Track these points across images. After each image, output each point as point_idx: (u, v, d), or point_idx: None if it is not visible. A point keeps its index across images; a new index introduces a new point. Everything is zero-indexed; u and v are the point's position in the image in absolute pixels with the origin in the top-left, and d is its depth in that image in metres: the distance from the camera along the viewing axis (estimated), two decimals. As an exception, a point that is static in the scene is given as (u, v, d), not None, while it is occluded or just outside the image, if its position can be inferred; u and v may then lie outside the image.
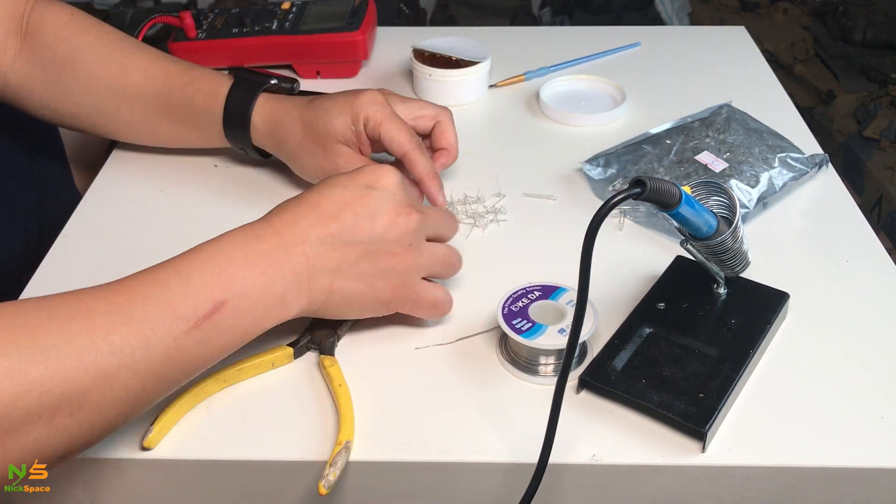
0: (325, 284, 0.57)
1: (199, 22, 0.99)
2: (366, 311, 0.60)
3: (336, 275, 0.57)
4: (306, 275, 0.56)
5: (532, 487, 0.52)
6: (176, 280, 0.52)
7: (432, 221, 0.62)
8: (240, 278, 0.53)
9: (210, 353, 0.53)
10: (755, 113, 0.85)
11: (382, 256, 0.58)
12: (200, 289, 0.52)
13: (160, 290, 0.51)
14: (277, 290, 0.54)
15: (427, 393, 0.59)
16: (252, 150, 0.78)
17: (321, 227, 0.56)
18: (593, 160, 0.80)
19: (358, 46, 0.96)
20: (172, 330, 0.50)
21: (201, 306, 0.51)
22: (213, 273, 0.52)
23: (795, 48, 2.31)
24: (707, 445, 0.55)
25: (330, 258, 0.56)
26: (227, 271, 0.53)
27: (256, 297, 0.54)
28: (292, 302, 0.56)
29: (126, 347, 0.48)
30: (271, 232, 0.56)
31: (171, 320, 0.50)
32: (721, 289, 0.64)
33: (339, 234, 0.57)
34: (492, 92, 0.97)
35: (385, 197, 0.58)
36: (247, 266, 0.54)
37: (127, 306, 0.50)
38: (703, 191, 0.59)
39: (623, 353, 0.59)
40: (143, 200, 0.79)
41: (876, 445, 0.55)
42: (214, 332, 0.52)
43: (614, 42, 1.05)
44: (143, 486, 0.57)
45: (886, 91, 2.12)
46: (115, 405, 0.49)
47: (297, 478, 0.56)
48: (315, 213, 0.57)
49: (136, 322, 0.49)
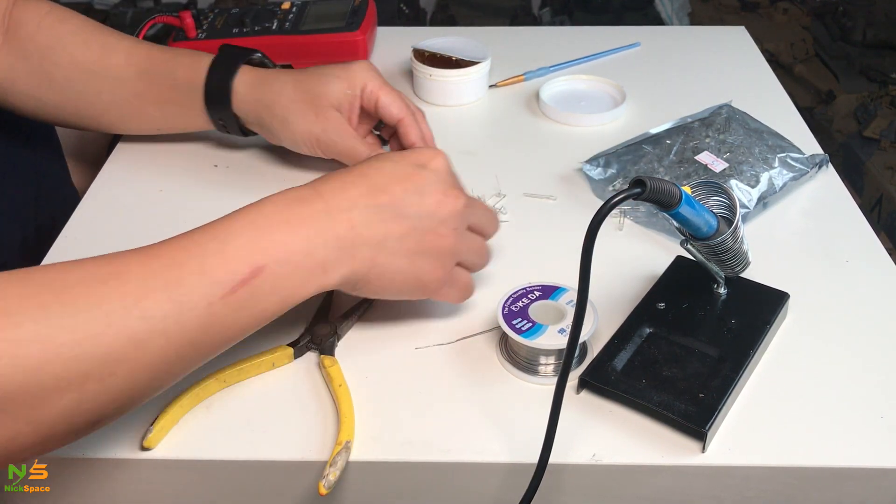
0: (368, 256, 0.55)
1: (199, 22, 0.99)
2: (403, 291, 0.59)
3: (381, 248, 0.55)
4: (350, 243, 0.54)
5: (532, 487, 0.52)
6: (213, 244, 0.50)
7: (477, 211, 0.61)
8: (280, 242, 0.51)
9: (247, 320, 0.51)
10: (755, 113, 0.85)
11: (428, 235, 0.57)
12: (238, 253, 0.50)
13: (196, 253, 0.49)
14: (319, 256, 0.52)
15: (427, 393, 0.59)
16: (233, 122, 0.77)
17: (370, 197, 0.55)
18: (593, 160, 0.80)
19: (358, 46, 0.96)
20: (207, 295, 0.48)
21: (238, 271, 0.49)
22: (251, 237, 0.51)
23: (795, 48, 2.31)
24: (707, 445, 0.55)
25: (376, 229, 0.55)
26: (267, 235, 0.51)
27: (297, 262, 0.52)
28: (333, 270, 0.53)
29: (159, 313, 0.47)
30: (316, 196, 0.54)
31: (207, 285, 0.49)
32: (721, 289, 0.64)
33: (389, 205, 0.55)
34: (492, 92, 0.97)
35: (435, 177, 0.57)
36: (288, 230, 0.52)
37: (161, 270, 0.48)
38: (703, 191, 0.59)
39: (623, 353, 0.59)
40: (142, 200, 0.79)
41: (876, 445, 0.55)
42: (251, 298, 0.50)
43: (614, 42, 1.05)
44: (143, 486, 0.57)
45: (886, 91, 2.12)
46: (148, 371, 0.48)
47: (297, 478, 0.56)
48: (364, 183, 0.55)
49: (171, 287, 0.48)
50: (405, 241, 0.56)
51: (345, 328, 0.64)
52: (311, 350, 0.62)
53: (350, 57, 0.96)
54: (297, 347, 0.61)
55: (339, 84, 0.73)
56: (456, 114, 0.93)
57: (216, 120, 0.78)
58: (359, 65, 0.74)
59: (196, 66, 0.76)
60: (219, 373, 0.58)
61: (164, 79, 0.77)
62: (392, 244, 0.55)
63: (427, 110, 0.92)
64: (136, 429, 0.56)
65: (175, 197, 0.79)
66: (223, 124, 0.78)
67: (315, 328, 0.62)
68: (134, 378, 0.47)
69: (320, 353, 0.62)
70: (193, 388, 0.57)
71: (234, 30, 0.97)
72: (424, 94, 0.94)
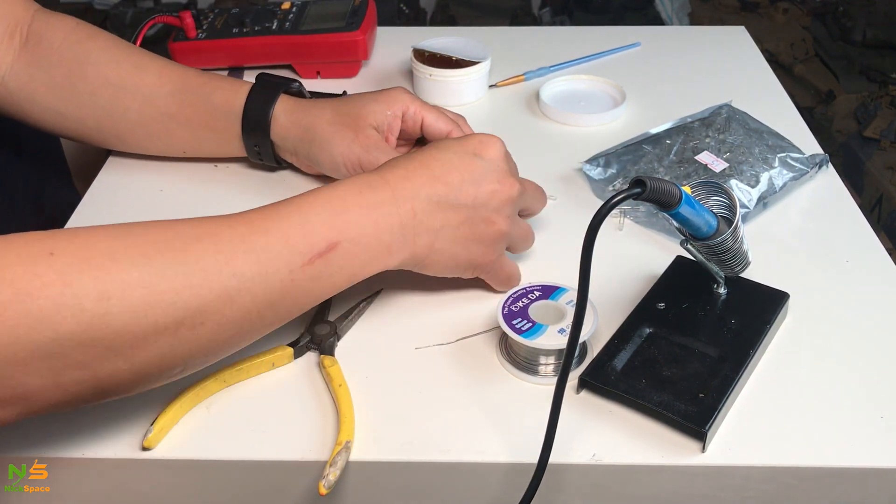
0: (427, 242, 0.59)
1: (199, 22, 0.99)
2: (456, 271, 0.63)
3: (438, 234, 0.59)
4: (412, 230, 0.58)
5: (532, 487, 0.52)
6: (296, 216, 0.54)
7: (528, 195, 0.65)
8: (353, 223, 0.55)
9: (320, 289, 0.55)
10: (755, 113, 0.85)
11: (481, 223, 0.61)
12: (317, 228, 0.54)
13: (281, 224, 0.54)
14: (385, 239, 0.57)
15: (427, 393, 0.59)
16: (268, 149, 0.77)
17: (430, 187, 0.59)
18: (593, 160, 0.80)
19: (358, 46, 0.96)
20: (289, 262, 0.53)
21: (317, 244, 0.54)
22: (329, 215, 0.55)
23: (795, 48, 2.31)
24: (707, 445, 0.55)
25: (435, 218, 0.59)
26: (343, 215, 0.55)
27: (366, 242, 0.56)
28: (397, 253, 0.58)
29: (248, 272, 0.51)
30: (384, 184, 0.58)
31: (289, 254, 0.53)
32: (721, 289, 0.64)
33: (446, 195, 0.59)
34: (492, 92, 0.97)
35: (490, 167, 0.61)
36: (360, 213, 0.56)
37: (249, 235, 0.52)
38: (703, 191, 0.59)
39: (623, 353, 0.59)
40: (142, 200, 0.79)
41: (876, 445, 0.55)
42: (326, 269, 0.54)
43: (614, 42, 1.05)
44: (143, 486, 0.57)
45: (886, 91, 2.12)
46: (233, 326, 0.52)
47: (297, 478, 0.56)
48: (426, 173, 0.59)
49: (258, 250, 0.52)
50: (461, 228, 0.60)
51: (345, 328, 0.64)
52: (311, 350, 0.62)
53: (350, 57, 0.96)
54: (297, 347, 0.61)
55: (378, 106, 0.74)
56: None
57: (251, 146, 0.77)
58: (397, 89, 0.76)
59: (235, 91, 0.76)
60: (219, 373, 0.58)
61: (199, 101, 0.76)
62: (449, 231, 0.60)
63: (427, 110, 0.92)
64: (136, 429, 0.56)
65: (175, 197, 0.79)
66: (258, 151, 0.78)
67: (315, 328, 0.63)
68: (221, 330, 0.51)
69: (320, 353, 0.62)
70: (193, 388, 0.57)
71: (234, 30, 0.97)
72: (424, 94, 0.94)
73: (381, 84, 0.96)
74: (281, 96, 0.76)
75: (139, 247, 0.49)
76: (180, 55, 0.97)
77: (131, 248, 0.49)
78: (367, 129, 0.73)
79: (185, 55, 0.97)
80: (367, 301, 0.66)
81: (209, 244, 0.51)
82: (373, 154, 0.72)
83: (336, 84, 0.96)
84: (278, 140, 0.76)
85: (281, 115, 0.75)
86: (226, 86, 0.77)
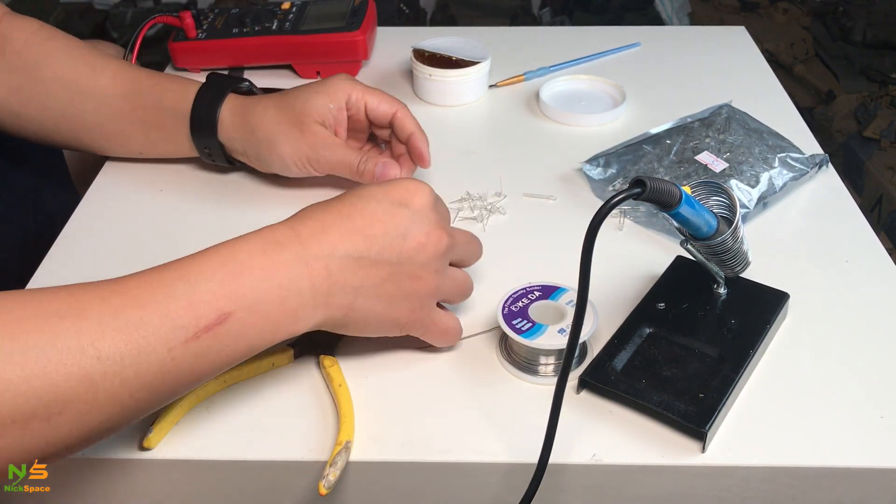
0: (345, 302, 0.54)
1: (199, 22, 0.99)
2: (380, 331, 0.58)
3: (357, 294, 0.54)
4: (325, 291, 0.53)
5: (532, 487, 0.52)
6: (181, 286, 0.48)
7: (459, 246, 0.60)
8: (251, 290, 0.50)
9: (209, 366, 0.50)
10: (755, 113, 0.85)
11: (406, 280, 0.56)
12: (206, 298, 0.48)
13: (161, 295, 0.48)
14: (291, 305, 0.51)
15: (427, 393, 0.59)
16: (218, 150, 0.76)
17: (349, 242, 0.53)
18: (593, 160, 0.80)
19: (358, 46, 0.96)
20: (169, 340, 0.47)
21: (204, 317, 0.48)
22: (222, 282, 0.49)
23: (795, 48, 2.31)
24: (707, 445, 0.55)
25: (354, 276, 0.53)
26: (239, 280, 0.50)
27: (267, 311, 0.50)
28: (306, 318, 0.53)
29: (115, 354, 0.45)
30: (294, 239, 0.52)
31: (169, 329, 0.47)
32: (721, 289, 0.64)
33: (367, 251, 0.54)
34: (492, 92, 0.97)
35: (417, 217, 0.56)
36: (262, 277, 0.50)
37: (122, 310, 0.46)
38: (703, 191, 0.59)
39: (623, 353, 0.59)
40: (142, 200, 0.79)
41: (876, 445, 0.55)
42: (216, 344, 0.49)
43: (614, 42, 1.05)
44: (143, 486, 0.57)
45: (886, 91, 2.12)
46: (99, 413, 0.46)
47: (297, 478, 0.56)
48: (345, 226, 0.54)
49: (131, 328, 0.46)
50: (384, 286, 0.55)
51: (345, 328, 0.64)
52: (311, 350, 0.62)
53: (350, 57, 0.96)
54: (297, 347, 0.61)
55: (321, 99, 0.72)
56: (456, 114, 0.93)
57: (201, 148, 0.77)
58: (337, 78, 0.74)
59: (183, 93, 0.75)
60: (219, 373, 0.58)
61: (150, 102, 0.76)
62: (369, 290, 0.54)
63: (427, 110, 0.92)
64: (136, 429, 0.56)
65: (175, 197, 0.79)
66: (209, 153, 0.77)
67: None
68: (82, 419, 0.45)
69: (320, 353, 0.61)
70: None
71: (234, 30, 0.97)
72: (424, 94, 0.94)
73: (382, 84, 0.96)
74: (229, 96, 0.75)
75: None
76: (180, 55, 0.97)
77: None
78: (313, 125, 0.71)
79: (185, 55, 0.97)
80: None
81: (72, 322, 0.45)
82: (320, 153, 0.71)
83: (336, 84, 0.96)
84: (226, 142, 0.76)
85: (227, 117, 0.74)
86: (176, 87, 0.76)
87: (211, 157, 0.78)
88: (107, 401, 0.46)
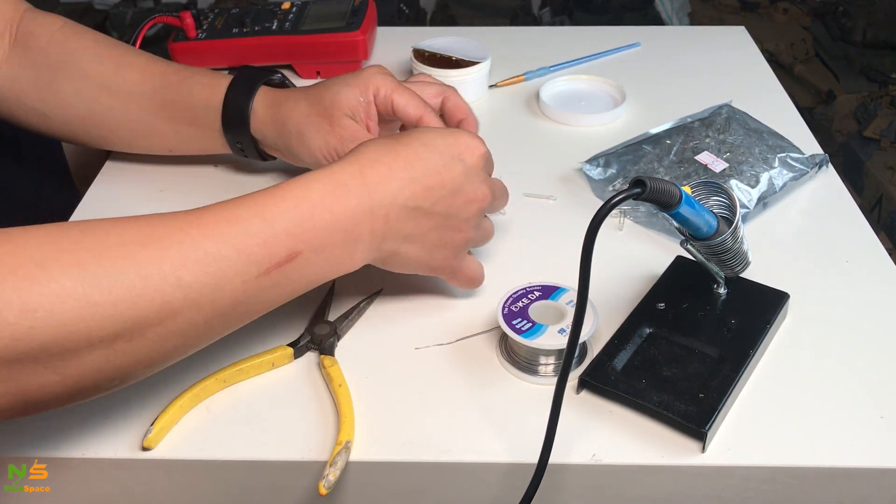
0: (393, 247, 0.58)
1: (199, 22, 0.99)
2: (414, 271, 0.62)
3: (406, 240, 0.58)
4: (381, 236, 0.56)
5: (532, 487, 0.52)
6: (257, 223, 0.51)
7: (497, 198, 0.64)
8: (320, 232, 0.53)
9: (274, 299, 0.54)
10: (755, 113, 0.85)
11: (449, 231, 0.60)
12: (280, 237, 0.51)
13: (239, 231, 0.50)
14: (351, 248, 0.55)
15: (427, 393, 0.59)
16: (250, 145, 0.75)
17: (409, 192, 0.57)
18: (593, 160, 0.80)
19: (358, 46, 0.96)
20: (243, 273, 0.50)
21: (276, 255, 0.51)
22: (295, 222, 0.52)
23: (795, 48, 2.31)
24: (707, 445, 0.55)
25: (407, 224, 0.57)
26: (310, 222, 0.53)
27: (330, 252, 0.54)
28: (360, 259, 0.57)
29: (195, 283, 0.48)
30: (361, 185, 0.55)
31: (244, 264, 0.50)
32: (721, 289, 0.64)
33: (423, 202, 0.57)
34: (492, 92, 0.97)
35: (471, 174, 0.59)
36: (330, 220, 0.53)
37: (201, 241, 0.49)
38: (703, 191, 0.59)
39: (623, 353, 0.59)
40: (142, 200, 0.79)
41: (876, 445, 0.55)
42: (283, 279, 0.52)
43: (614, 42, 1.05)
44: (143, 486, 0.57)
45: (886, 91, 2.12)
46: (176, 338, 0.49)
47: (297, 478, 0.56)
48: (407, 174, 0.57)
49: (209, 259, 0.49)
50: (429, 234, 0.59)
51: (345, 328, 0.64)
52: (311, 350, 0.62)
53: (350, 57, 0.96)
54: (297, 347, 0.61)
55: (352, 91, 0.70)
56: (456, 114, 0.93)
57: (234, 143, 0.75)
58: (370, 70, 0.72)
59: (214, 87, 0.74)
60: (219, 373, 0.58)
61: (180, 98, 0.74)
62: (416, 237, 0.58)
63: (427, 110, 0.92)
64: (136, 429, 0.56)
65: (175, 197, 0.79)
66: (241, 147, 0.76)
67: (315, 328, 0.62)
68: (161, 343, 0.48)
69: (320, 353, 0.62)
70: (193, 388, 0.57)
71: (234, 30, 0.97)
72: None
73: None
74: (261, 89, 0.73)
75: (74, 253, 0.46)
76: (180, 55, 0.97)
77: (64, 255, 0.45)
78: (342, 118, 0.70)
79: (185, 55, 0.97)
80: (367, 301, 0.66)
81: (154, 250, 0.48)
82: (349, 146, 0.69)
83: (336, 84, 0.96)
84: (259, 136, 0.74)
85: (259, 110, 0.73)
86: (206, 81, 0.75)
87: (243, 153, 0.76)
88: (185, 326, 0.49)
